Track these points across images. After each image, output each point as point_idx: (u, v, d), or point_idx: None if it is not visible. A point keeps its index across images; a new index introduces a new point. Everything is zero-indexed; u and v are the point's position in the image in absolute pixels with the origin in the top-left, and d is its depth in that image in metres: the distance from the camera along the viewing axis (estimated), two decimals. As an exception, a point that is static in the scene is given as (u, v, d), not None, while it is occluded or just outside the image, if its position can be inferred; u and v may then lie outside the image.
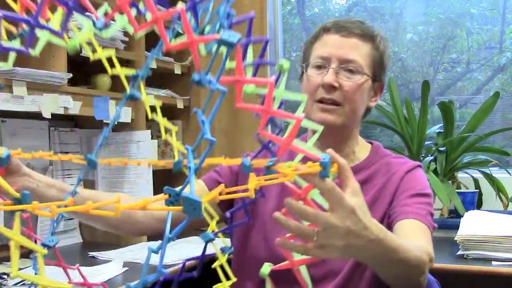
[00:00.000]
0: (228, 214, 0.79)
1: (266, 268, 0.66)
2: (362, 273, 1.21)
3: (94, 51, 0.71)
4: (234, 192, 0.57)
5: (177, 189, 0.45)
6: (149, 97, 0.80)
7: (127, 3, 0.47)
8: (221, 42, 0.45)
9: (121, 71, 0.73)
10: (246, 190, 0.56)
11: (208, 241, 0.72)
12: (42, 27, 0.52)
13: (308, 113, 1.26)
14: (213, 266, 0.76)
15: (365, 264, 1.02)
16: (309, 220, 0.74)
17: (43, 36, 0.60)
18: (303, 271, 0.72)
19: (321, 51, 1.26)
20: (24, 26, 0.54)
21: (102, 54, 0.72)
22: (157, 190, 2.17)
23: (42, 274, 0.39)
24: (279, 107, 0.70)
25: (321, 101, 1.24)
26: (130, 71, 0.74)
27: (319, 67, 1.26)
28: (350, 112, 1.25)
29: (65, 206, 0.47)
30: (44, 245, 0.68)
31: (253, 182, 0.47)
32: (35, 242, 0.76)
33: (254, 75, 0.68)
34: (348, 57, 1.23)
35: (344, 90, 1.23)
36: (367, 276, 1.20)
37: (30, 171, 1.12)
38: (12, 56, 0.61)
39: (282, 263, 0.63)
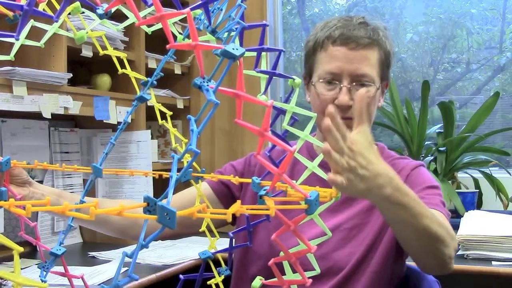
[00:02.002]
0: (230, 234, 0.79)
1: (257, 282, 0.67)
2: (364, 270, 1.21)
3: (103, 48, 0.71)
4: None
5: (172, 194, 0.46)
6: (155, 103, 0.81)
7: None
8: (223, 53, 0.45)
9: (131, 73, 0.73)
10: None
11: (205, 258, 0.74)
12: (36, 12, 0.52)
13: (320, 127, 1.27)
14: (208, 282, 0.77)
15: (383, 209, 1.03)
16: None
17: (50, 29, 0.60)
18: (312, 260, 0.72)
19: (331, 66, 1.22)
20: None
21: (112, 52, 0.72)
22: (156, 191, 2.17)
23: (17, 272, 0.39)
24: (293, 123, 0.70)
25: None
26: (140, 76, 0.75)
27: (329, 82, 1.23)
28: None
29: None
30: (52, 253, 0.71)
31: (234, 208, 0.48)
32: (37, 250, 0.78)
33: (268, 84, 0.69)
34: (360, 72, 1.21)
35: None
36: (368, 275, 1.21)
37: (35, 182, 1.15)
38: (15, 47, 0.60)
39: (272, 280, 0.63)
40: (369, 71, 1.22)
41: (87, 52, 1.96)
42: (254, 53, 0.64)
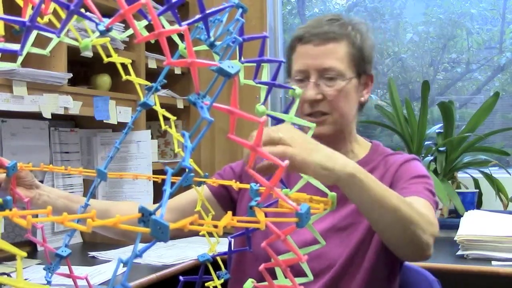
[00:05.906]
0: (229, 238, 0.80)
1: (249, 285, 0.67)
2: (359, 267, 1.20)
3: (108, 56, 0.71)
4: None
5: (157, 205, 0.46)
6: (159, 109, 0.81)
7: (131, 12, 0.47)
8: (218, 71, 0.45)
9: (135, 79, 0.74)
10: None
11: (204, 261, 0.75)
12: (39, 28, 0.52)
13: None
14: (207, 284, 0.78)
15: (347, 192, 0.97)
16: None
17: (55, 39, 0.60)
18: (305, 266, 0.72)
19: (298, 65, 1.25)
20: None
21: (117, 58, 0.72)
22: (156, 190, 2.17)
23: (20, 277, 0.39)
24: None
25: (309, 115, 1.25)
26: (144, 82, 0.75)
27: (300, 80, 1.26)
28: (339, 118, 1.26)
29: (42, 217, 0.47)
30: (57, 255, 0.73)
31: (225, 221, 0.48)
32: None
33: (268, 94, 0.69)
34: (325, 66, 1.23)
35: (328, 100, 1.23)
36: (363, 271, 1.20)
37: (41, 185, 1.16)
38: (20, 57, 0.61)
39: (262, 283, 0.63)
40: (335, 64, 1.23)
41: (87, 52, 1.96)
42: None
